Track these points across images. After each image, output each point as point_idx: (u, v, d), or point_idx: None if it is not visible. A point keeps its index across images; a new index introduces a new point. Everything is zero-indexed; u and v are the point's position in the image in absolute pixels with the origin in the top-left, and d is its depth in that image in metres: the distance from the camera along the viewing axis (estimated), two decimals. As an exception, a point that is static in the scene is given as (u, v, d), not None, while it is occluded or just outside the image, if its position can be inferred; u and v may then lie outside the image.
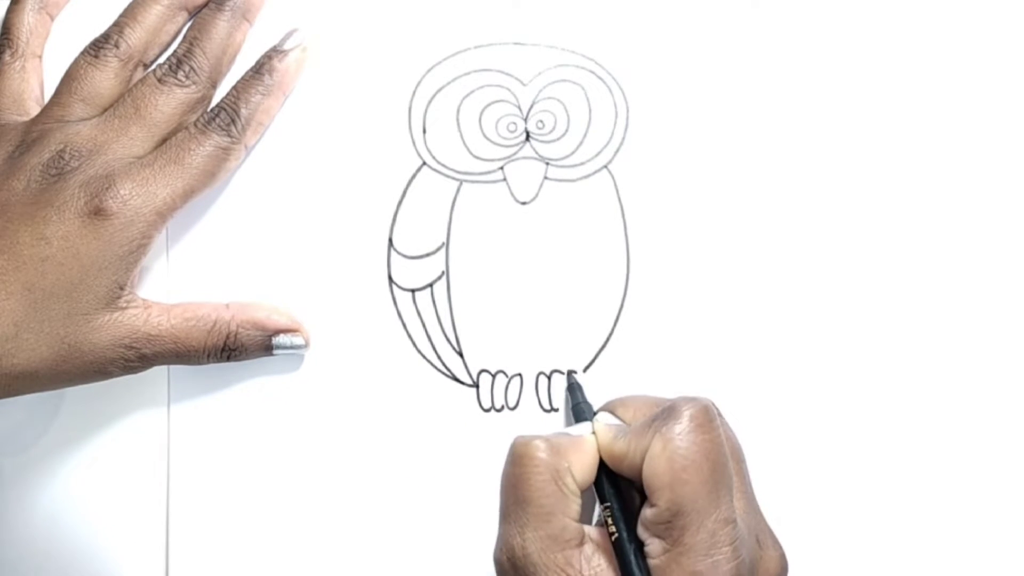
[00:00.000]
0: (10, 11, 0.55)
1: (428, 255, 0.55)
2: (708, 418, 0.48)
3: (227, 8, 0.54)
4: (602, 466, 0.50)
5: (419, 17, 0.56)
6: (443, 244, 0.55)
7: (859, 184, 0.56)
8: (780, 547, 0.49)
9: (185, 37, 0.54)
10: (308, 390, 0.55)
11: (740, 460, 0.50)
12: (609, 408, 0.52)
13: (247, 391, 0.55)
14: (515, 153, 0.56)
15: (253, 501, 0.55)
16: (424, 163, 0.56)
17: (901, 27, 0.57)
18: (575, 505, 0.49)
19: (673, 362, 0.55)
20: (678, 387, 0.55)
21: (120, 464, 0.55)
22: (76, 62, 0.54)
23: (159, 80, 0.53)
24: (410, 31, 0.56)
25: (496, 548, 0.49)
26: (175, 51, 0.54)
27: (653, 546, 0.47)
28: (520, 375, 0.55)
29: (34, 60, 0.55)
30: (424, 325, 0.55)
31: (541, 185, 0.56)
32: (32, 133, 0.52)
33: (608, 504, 0.49)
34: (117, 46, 0.54)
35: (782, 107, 0.56)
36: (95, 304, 0.50)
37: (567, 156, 0.56)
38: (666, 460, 0.47)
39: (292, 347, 0.54)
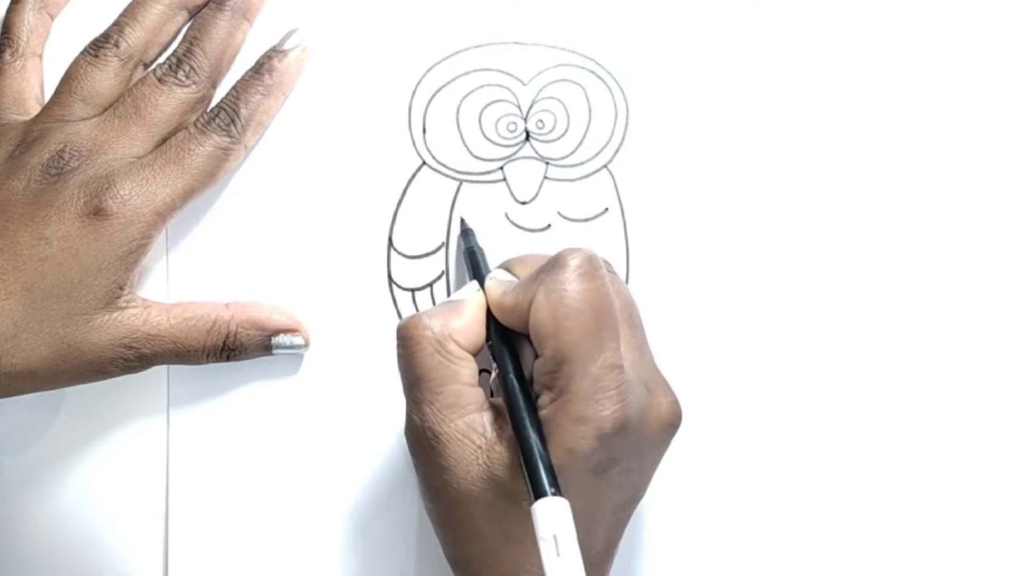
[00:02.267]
0: (10, 10, 0.55)
1: (428, 255, 0.55)
2: (592, 267, 0.47)
3: (227, 8, 0.54)
4: (492, 323, 0.50)
5: (419, 17, 0.56)
6: (443, 244, 0.55)
7: (859, 184, 0.56)
8: (672, 394, 0.49)
9: (185, 37, 0.54)
10: (308, 390, 0.55)
11: (631, 312, 0.49)
12: (506, 266, 0.52)
13: (247, 391, 0.55)
14: (515, 153, 0.56)
15: (253, 501, 0.55)
16: (424, 163, 0.56)
17: (901, 27, 0.57)
18: (466, 370, 0.48)
19: (672, 361, 0.55)
20: (678, 387, 0.55)
21: (120, 464, 0.55)
22: (76, 61, 0.54)
23: (159, 80, 0.53)
24: (410, 31, 0.56)
25: (404, 430, 0.49)
26: (175, 51, 0.54)
27: (543, 398, 0.47)
28: (519, 373, 0.55)
29: (34, 59, 0.55)
30: (424, 325, 0.55)
31: (541, 185, 0.56)
32: (32, 133, 0.52)
33: (496, 356, 0.49)
34: (117, 45, 0.54)
35: (782, 107, 0.56)
36: (95, 304, 0.50)
37: (567, 156, 0.56)
38: (549, 309, 0.46)
39: (292, 347, 0.54)
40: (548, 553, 0.42)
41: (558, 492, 0.44)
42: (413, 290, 0.55)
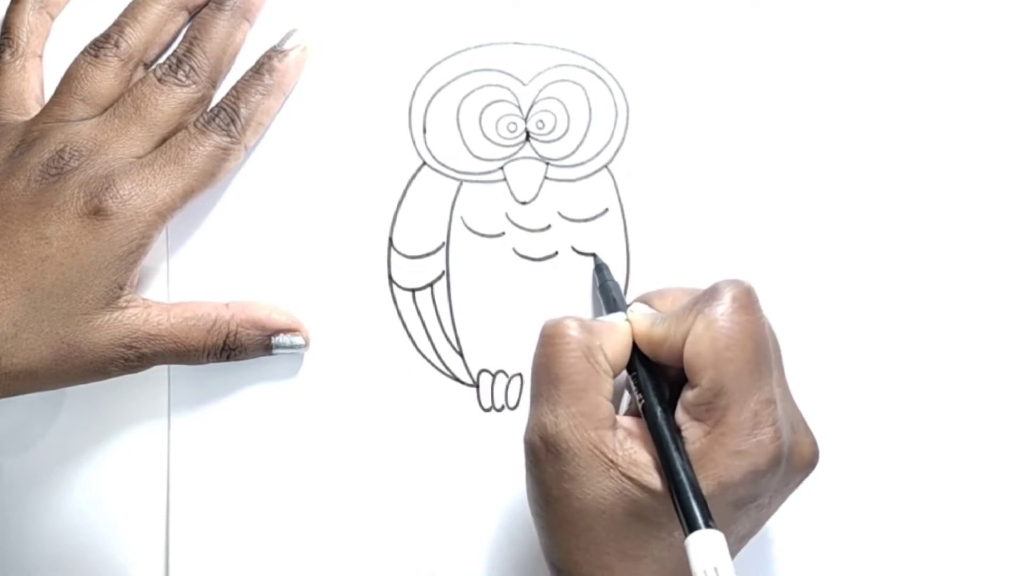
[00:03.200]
0: (10, 10, 0.55)
1: (428, 255, 0.55)
2: (751, 299, 0.47)
3: (227, 8, 0.54)
4: (636, 353, 0.49)
5: (419, 17, 0.56)
6: (443, 244, 0.55)
7: (859, 184, 0.56)
8: (812, 434, 0.49)
9: (185, 37, 0.54)
10: (308, 390, 0.55)
11: (778, 348, 0.49)
12: (644, 299, 0.52)
13: (247, 391, 0.55)
14: (515, 153, 0.56)
15: (253, 500, 0.55)
16: (424, 163, 0.56)
17: (901, 27, 0.57)
18: (608, 384, 0.48)
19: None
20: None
21: (120, 464, 0.55)
22: (76, 62, 0.54)
23: (159, 80, 0.53)
24: (410, 31, 0.56)
25: (527, 429, 0.48)
26: (175, 51, 0.54)
27: (693, 430, 0.46)
28: (520, 375, 0.55)
29: (34, 59, 0.55)
30: (424, 325, 0.55)
31: (541, 185, 0.56)
32: (32, 132, 0.52)
33: (640, 385, 0.49)
34: (117, 46, 0.54)
35: (782, 107, 0.56)
36: (95, 304, 0.50)
37: (567, 156, 0.56)
38: (710, 339, 0.46)
39: (292, 347, 0.54)
40: None
41: (713, 525, 0.44)
42: (413, 290, 0.55)
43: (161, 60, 0.54)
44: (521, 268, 0.55)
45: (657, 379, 0.49)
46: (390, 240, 0.55)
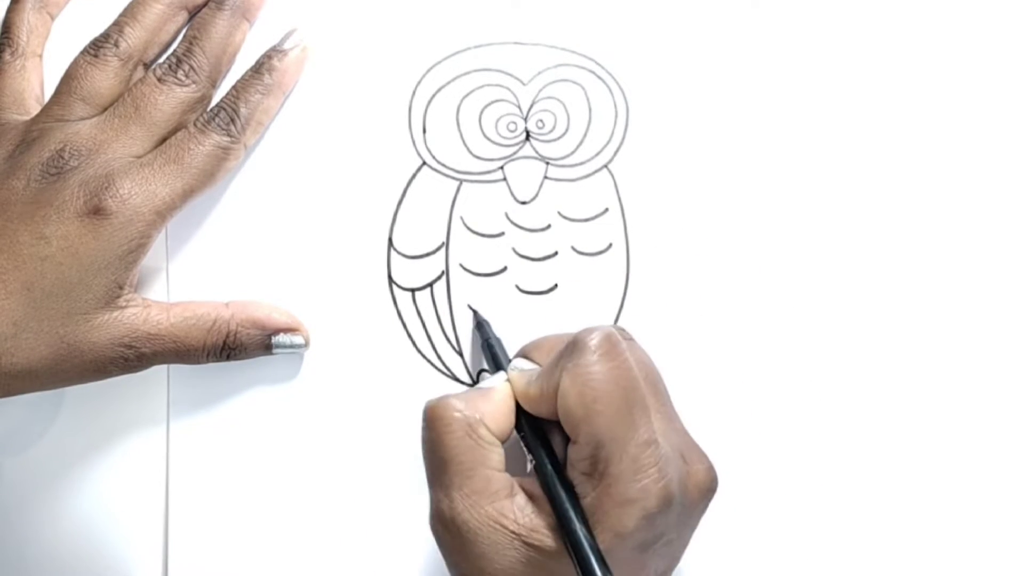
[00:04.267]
0: (10, 10, 0.55)
1: (428, 255, 0.55)
2: (612, 344, 0.47)
3: (227, 7, 0.54)
4: (521, 412, 0.49)
5: (419, 17, 0.56)
6: (443, 244, 0.55)
7: (859, 184, 0.56)
8: (706, 459, 0.49)
9: (185, 36, 0.54)
10: (308, 390, 0.55)
11: (655, 381, 0.49)
12: (524, 353, 0.51)
13: (247, 391, 0.55)
14: (515, 153, 0.56)
15: (253, 500, 0.55)
16: (424, 163, 0.55)
17: (901, 27, 0.57)
18: (495, 456, 0.48)
19: (673, 362, 0.55)
20: (678, 386, 0.55)
21: (120, 464, 0.55)
22: (76, 61, 0.54)
23: (159, 79, 0.53)
24: (410, 31, 0.56)
25: (429, 517, 0.48)
26: (175, 50, 0.54)
27: (582, 485, 0.46)
28: (520, 375, 0.55)
29: (34, 59, 0.55)
30: (424, 325, 0.55)
31: (541, 185, 0.56)
32: (32, 132, 0.52)
33: (529, 446, 0.49)
34: (117, 45, 0.54)
35: (782, 107, 0.56)
36: (94, 303, 0.50)
37: (567, 156, 0.56)
38: (576, 394, 0.46)
39: (292, 346, 0.54)
40: None
41: None
42: (413, 290, 0.55)
43: (161, 60, 0.54)
44: (521, 268, 0.55)
45: (546, 435, 0.49)
46: (390, 240, 0.55)
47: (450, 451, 0.47)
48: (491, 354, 0.53)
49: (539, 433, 0.49)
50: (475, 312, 0.55)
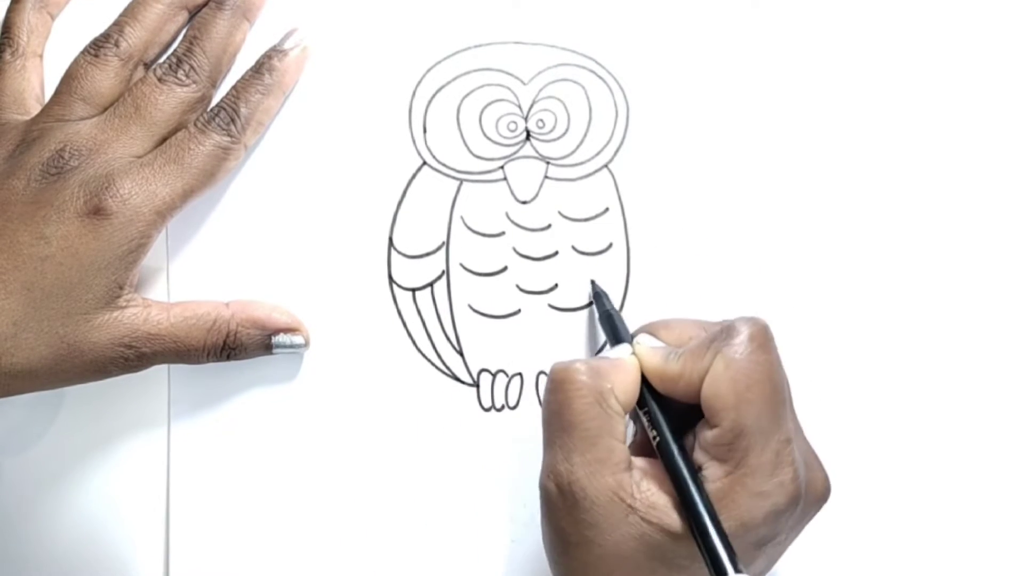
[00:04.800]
0: (11, 10, 0.55)
1: (428, 254, 0.55)
2: (767, 338, 0.47)
3: (227, 7, 0.54)
4: (646, 388, 0.49)
5: (419, 16, 0.56)
6: (443, 243, 0.55)
7: (859, 184, 0.56)
8: (823, 469, 0.49)
9: (185, 36, 0.54)
10: (308, 389, 0.55)
11: (789, 384, 0.49)
12: (649, 330, 0.51)
13: (247, 390, 0.55)
14: (515, 152, 0.56)
15: (253, 500, 0.55)
16: (424, 162, 0.55)
17: (901, 27, 0.57)
18: (620, 427, 0.48)
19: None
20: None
21: (120, 464, 0.55)
22: (76, 61, 0.54)
23: (159, 79, 0.53)
24: (410, 30, 0.56)
25: (542, 475, 0.48)
26: (175, 50, 0.54)
27: (712, 470, 0.46)
28: (520, 374, 0.55)
29: (35, 59, 0.55)
30: (424, 324, 0.55)
31: (541, 184, 0.56)
32: (32, 132, 0.52)
33: (654, 422, 0.48)
34: (117, 45, 0.54)
35: (782, 106, 0.56)
36: (94, 303, 0.50)
37: (567, 155, 0.56)
38: (730, 380, 0.46)
39: (292, 346, 0.54)
40: None
41: (742, 569, 0.44)
42: (413, 290, 0.55)
43: (161, 60, 0.54)
44: (521, 268, 0.55)
45: (668, 414, 0.49)
46: (390, 240, 0.55)
47: (578, 415, 0.47)
48: (611, 325, 0.52)
49: (667, 412, 0.49)
50: (593, 282, 0.54)
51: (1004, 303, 0.56)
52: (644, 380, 0.49)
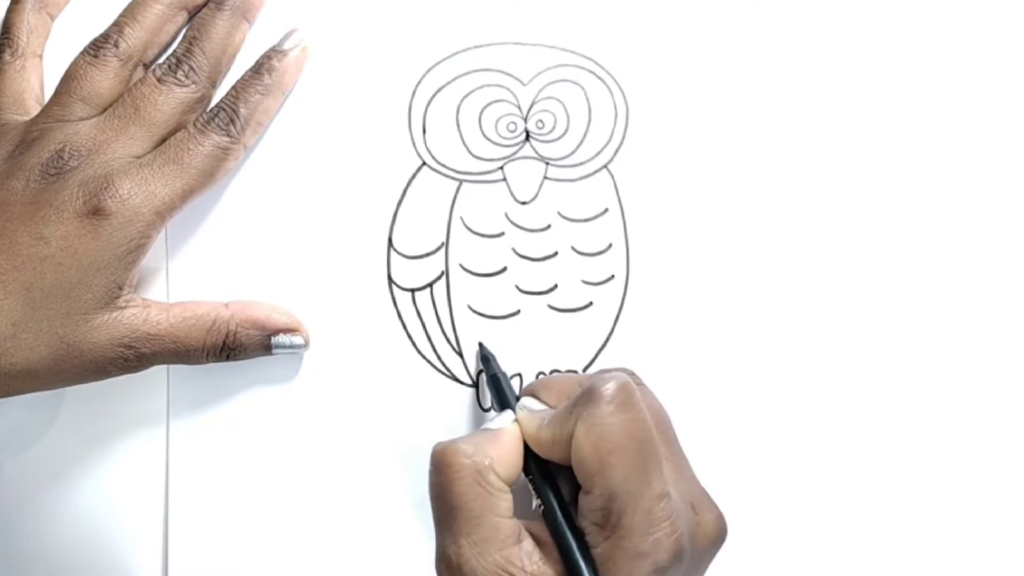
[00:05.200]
0: (10, 11, 0.55)
1: (428, 255, 0.55)
2: (627, 395, 0.47)
3: (227, 8, 0.54)
4: (530, 455, 0.49)
5: (419, 17, 0.56)
6: (443, 244, 0.55)
7: (859, 184, 0.56)
8: (716, 508, 0.49)
9: (184, 37, 0.54)
10: (307, 390, 0.55)
11: (666, 428, 0.49)
12: (531, 391, 0.51)
13: (246, 391, 0.55)
14: (515, 153, 0.56)
15: (253, 501, 0.55)
16: (424, 163, 0.55)
17: (901, 27, 0.57)
18: (504, 502, 0.47)
19: (673, 362, 0.55)
20: (679, 387, 0.55)
21: (120, 464, 0.55)
22: (76, 62, 0.54)
23: (158, 80, 0.53)
24: (410, 31, 0.56)
25: (436, 561, 0.48)
26: (174, 51, 0.54)
27: (593, 535, 0.46)
28: (520, 375, 0.55)
29: (34, 60, 0.55)
30: (424, 325, 0.55)
31: (541, 185, 0.56)
32: (32, 133, 0.52)
33: (537, 490, 0.48)
34: (117, 46, 0.54)
35: (782, 107, 0.56)
36: (94, 304, 0.50)
37: (567, 156, 0.56)
38: (591, 446, 0.46)
39: (291, 347, 0.54)
40: None
41: None
42: (413, 290, 0.55)
43: (161, 60, 0.54)
44: (521, 268, 0.55)
45: (554, 478, 0.49)
46: (390, 240, 0.55)
47: (459, 498, 0.47)
48: (497, 389, 0.53)
49: (548, 477, 0.49)
50: (481, 345, 0.55)
51: (1005, 303, 0.56)
52: (528, 447, 0.49)
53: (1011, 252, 0.56)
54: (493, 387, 0.53)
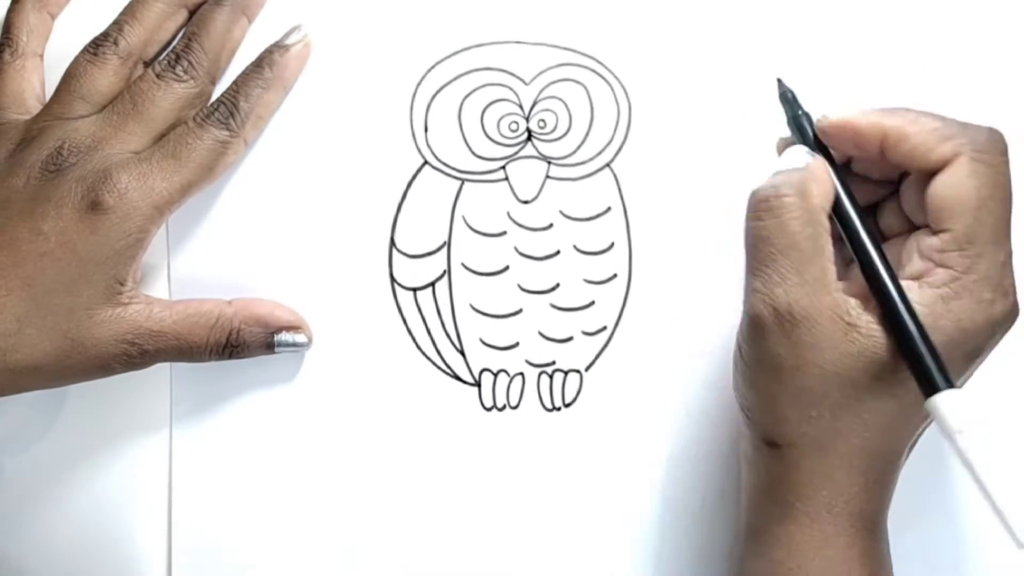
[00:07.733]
0: (11, 10, 0.55)
1: (430, 254, 0.55)
2: (1006, 145, 0.46)
3: (226, 4, 0.54)
4: (845, 191, 0.47)
5: (421, 15, 0.56)
6: (445, 243, 0.55)
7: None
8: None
9: (184, 33, 0.54)
10: (310, 388, 0.55)
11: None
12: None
13: (249, 389, 0.55)
14: (517, 152, 0.56)
15: (255, 499, 0.55)
16: (426, 162, 0.55)
17: (901, 27, 0.57)
18: (829, 245, 0.46)
19: (675, 361, 0.55)
20: (679, 387, 0.55)
21: (122, 463, 0.55)
22: (76, 60, 0.54)
23: (157, 76, 0.53)
24: (412, 29, 0.56)
25: (751, 303, 0.47)
26: (174, 47, 0.54)
27: (937, 275, 0.45)
28: (522, 374, 0.55)
29: (35, 59, 0.55)
30: (426, 324, 0.55)
31: (543, 184, 0.56)
32: (32, 131, 0.52)
33: (851, 236, 0.47)
34: (116, 44, 0.54)
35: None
36: (95, 299, 0.50)
37: (569, 155, 0.56)
38: (974, 186, 0.45)
39: (294, 345, 0.54)
40: (970, 444, 0.42)
41: (951, 384, 0.43)
42: (415, 289, 0.55)
43: (160, 57, 0.54)
44: (523, 267, 0.55)
45: (865, 221, 0.47)
46: (391, 239, 0.55)
47: (792, 237, 0.46)
48: (801, 131, 0.50)
49: (863, 219, 0.47)
50: (780, 81, 0.51)
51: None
52: (842, 192, 0.47)
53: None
54: (796, 128, 0.50)
